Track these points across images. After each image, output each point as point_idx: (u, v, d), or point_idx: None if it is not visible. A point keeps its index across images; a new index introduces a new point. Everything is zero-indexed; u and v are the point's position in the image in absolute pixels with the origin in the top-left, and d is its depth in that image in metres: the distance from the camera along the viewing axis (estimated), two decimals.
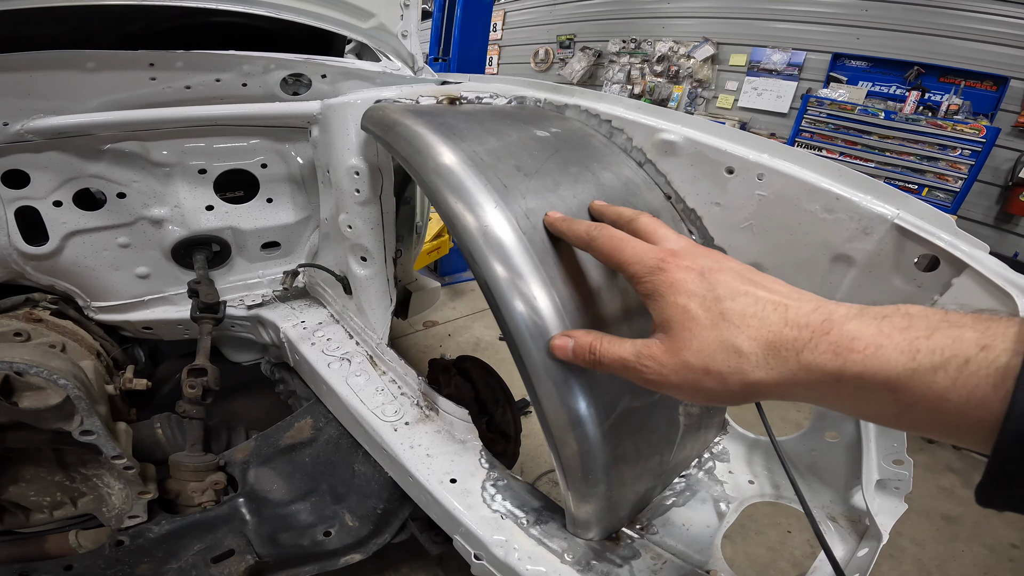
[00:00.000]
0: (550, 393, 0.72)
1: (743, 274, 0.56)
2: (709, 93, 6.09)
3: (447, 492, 1.04)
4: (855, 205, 0.87)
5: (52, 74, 1.11)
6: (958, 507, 2.44)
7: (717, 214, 1.01)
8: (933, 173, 4.47)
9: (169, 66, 1.20)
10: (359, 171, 1.17)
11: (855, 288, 0.92)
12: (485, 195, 0.74)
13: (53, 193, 1.28)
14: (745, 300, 0.53)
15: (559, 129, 1.04)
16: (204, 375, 1.35)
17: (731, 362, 0.51)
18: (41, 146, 1.21)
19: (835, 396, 0.47)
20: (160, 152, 1.37)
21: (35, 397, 1.04)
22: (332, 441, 1.46)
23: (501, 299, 0.72)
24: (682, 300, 0.55)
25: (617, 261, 0.63)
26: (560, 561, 0.91)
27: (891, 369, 0.42)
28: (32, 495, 1.19)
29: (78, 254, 1.38)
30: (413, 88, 1.23)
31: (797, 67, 5.34)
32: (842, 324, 0.46)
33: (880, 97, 4.86)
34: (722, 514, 1.07)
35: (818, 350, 0.46)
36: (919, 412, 0.41)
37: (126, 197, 1.37)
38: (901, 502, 0.99)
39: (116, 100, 1.20)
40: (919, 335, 0.42)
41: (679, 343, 0.54)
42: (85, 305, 1.50)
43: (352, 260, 1.34)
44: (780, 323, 0.50)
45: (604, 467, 0.81)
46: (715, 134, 1.00)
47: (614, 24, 6.91)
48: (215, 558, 1.20)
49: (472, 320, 3.84)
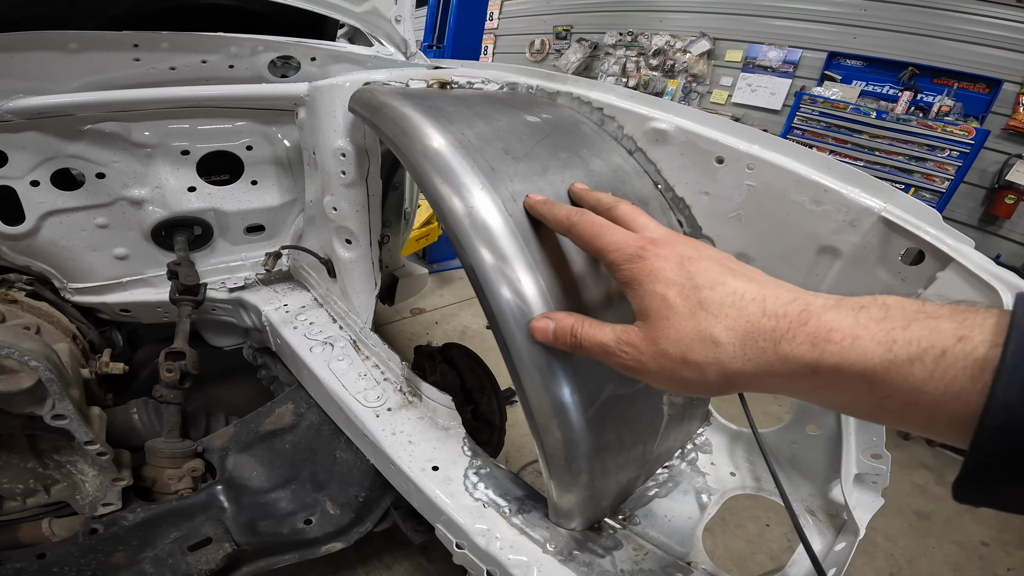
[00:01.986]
0: (534, 380, 0.72)
1: (722, 263, 0.55)
2: (704, 88, 6.07)
3: (429, 480, 1.02)
4: (843, 197, 0.87)
5: (33, 55, 1.10)
6: (931, 503, 2.48)
7: (706, 203, 1.01)
8: (920, 173, 4.50)
9: (154, 47, 1.18)
10: (345, 153, 1.15)
11: (840, 280, 0.92)
12: (472, 177, 0.73)
13: (30, 173, 1.26)
14: (723, 290, 0.52)
15: (550, 115, 1.03)
16: (182, 359, 1.33)
17: (708, 352, 0.50)
18: (19, 126, 1.19)
19: (812, 388, 0.46)
20: (142, 133, 1.34)
21: (7, 380, 1.01)
22: (313, 427, 1.44)
23: (486, 283, 0.71)
24: (660, 288, 0.54)
25: (596, 247, 0.62)
26: (542, 551, 0.90)
27: (867, 360, 0.41)
28: (4, 482, 1.16)
29: (55, 234, 1.35)
30: (403, 71, 1.21)
31: (792, 64, 5.34)
32: (820, 315, 0.45)
33: (873, 97, 4.87)
34: (704, 506, 1.07)
35: (795, 341, 0.46)
36: (895, 404, 0.41)
37: (105, 177, 1.34)
38: (878, 496, 1.00)
39: (98, 81, 1.18)
40: (896, 326, 0.41)
41: (657, 331, 0.54)
42: (61, 287, 1.47)
43: (337, 243, 1.32)
44: (758, 313, 0.49)
45: (587, 456, 0.80)
46: (706, 124, 0.99)
47: (611, 16, 6.87)
48: (192, 546, 1.17)
49: (460, 308, 3.83)
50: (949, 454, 2.82)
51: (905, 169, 4.56)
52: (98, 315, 1.59)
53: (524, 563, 0.88)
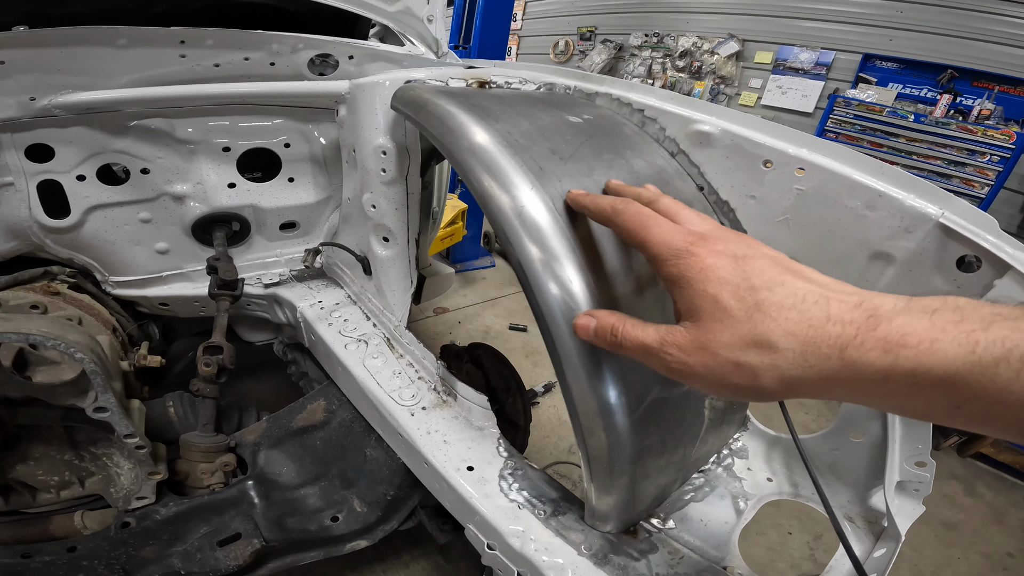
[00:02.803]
0: (580, 380, 0.71)
1: (780, 262, 0.52)
2: (731, 90, 5.99)
3: (464, 480, 1.02)
4: (899, 203, 0.85)
5: (83, 50, 1.11)
6: (958, 514, 2.44)
7: (751, 207, 0.99)
8: (959, 178, 4.37)
9: (199, 44, 1.19)
10: (386, 151, 1.16)
11: (893, 286, 0.90)
12: (521, 176, 0.72)
13: (77, 167, 1.28)
14: (783, 291, 0.49)
15: (591, 116, 1.02)
16: (220, 353, 1.34)
17: (764, 357, 0.48)
18: (67, 121, 1.21)
19: (882, 394, 0.45)
20: (186, 129, 1.36)
21: (49, 372, 1.01)
22: (345, 424, 1.44)
23: (535, 280, 0.70)
24: (712, 288, 0.51)
25: (641, 239, 0.59)
26: (577, 553, 0.90)
27: (949, 364, 0.40)
28: (40, 474, 1.16)
29: (99, 228, 1.38)
30: (442, 70, 1.21)
31: (825, 67, 5.24)
32: (890, 318, 0.44)
33: (910, 99, 4.75)
34: (740, 511, 1.06)
35: (864, 347, 0.44)
36: (976, 407, 0.40)
37: (149, 173, 1.37)
38: (919, 504, 0.98)
39: (145, 77, 1.20)
40: (975, 327, 0.40)
41: (708, 334, 0.51)
42: (103, 279, 1.49)
43: (374, 240, 1.33)
44: (822, 318, 0.46)
45: (631, 459, 0.79)
46: (753, 126, 0.98)
47: (637, 17, 6.83)
48: (221, 541, 1.17)
49: (482, 308, 3.84)
50: (980, 465, 2.79)
51: (943, 174, 4.44)
52: (137, 308, 1.62)
53: (560, 565, 0.88)
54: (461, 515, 1.05)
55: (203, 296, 1.54)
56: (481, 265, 4.45)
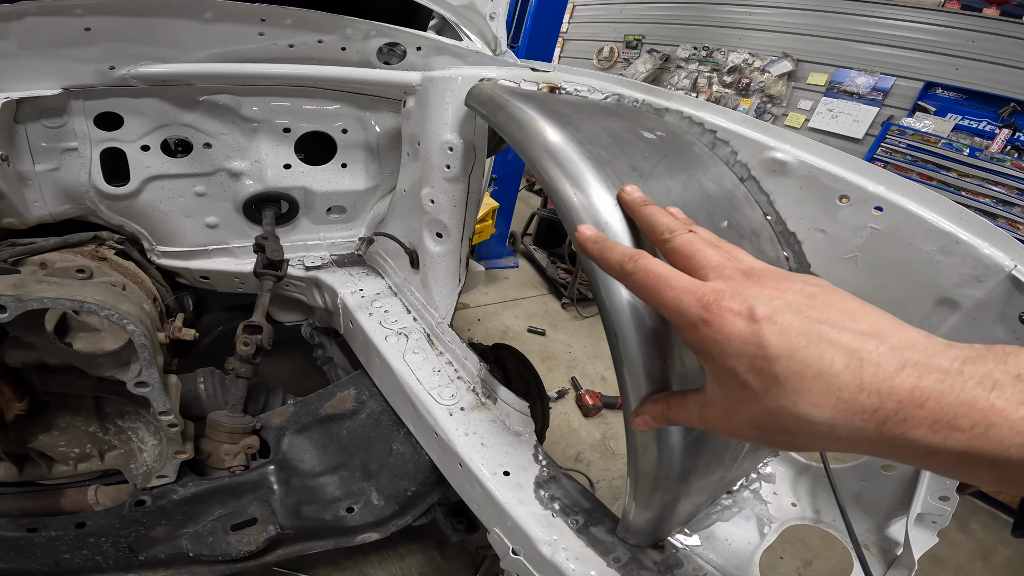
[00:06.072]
0: (644, 396, 0.69)
1: (805, 312, 0.46)
2: (779, 110, 5.87)
3: (500, 484, 1.02)
4: (975, 251, 0.84)
5: (170, 21, 1.12)
6: (946, 549, 2.45)
7: (820, 241, 0.97)
8: (1006, 219, 4.23)
9: (279, 22, 1.19)
10: (453, 147, 1.15)
11: (953, 334, 0.88)
12: (606, 193, 0.71)
13: (143, 138, 1.30)
14: (804, 357, 0.44)
15: (664, 132, 1.00)
16: (259, 333, 1.32)
17: (791, 427, 0.46)
18: (141, 91, 1.22)
19: (923, 464, 0.42)
20: (251, 108, 1.38)
21: (89, 339, 0.98)
22: (374, 416, 1.43)
23: (607, 293, 0.68)
24: (730, 363, 0.48)
25: (654, 303, 0.55)
26: (607, 565, 0.91)
27: (1003, 450, 0.37)
28: (62, 445, 1.12)
29: (155, 198, 1.40)
30: (512, 71, 1.21)
31: (883, 92, 5.07)
32: (940, 395, 0.39)
33: (967, 132, 4.59)
34: (764, 534, 1.06)
35: (907, 424, 0.40)
36: (1022, 482, 0.38)
37: (211, 148, 1.38)
38: (933, 535, 0.97)
39: (222, 53, 1.20)
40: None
41: (733, 404, 0.50)
42: (150, 248, 1.51)
43: (427, 235, 1.33)
44: (853, 388, 0.41)
45: (679, 478, 0.79)
46: (831, 159, 0.95)
47: (687, 29, 6.73)
48: (235, 526, 1.16)
49: (503, 308, 3.84)
50: (977, 503, 2.83)
51: (990, 212, 4.29)
52: (177, 279, 1.63)
53: None
54: (489, 518, 1.05)
55: (244, 272, 1.55)
56: (505, 264, 4.45)
